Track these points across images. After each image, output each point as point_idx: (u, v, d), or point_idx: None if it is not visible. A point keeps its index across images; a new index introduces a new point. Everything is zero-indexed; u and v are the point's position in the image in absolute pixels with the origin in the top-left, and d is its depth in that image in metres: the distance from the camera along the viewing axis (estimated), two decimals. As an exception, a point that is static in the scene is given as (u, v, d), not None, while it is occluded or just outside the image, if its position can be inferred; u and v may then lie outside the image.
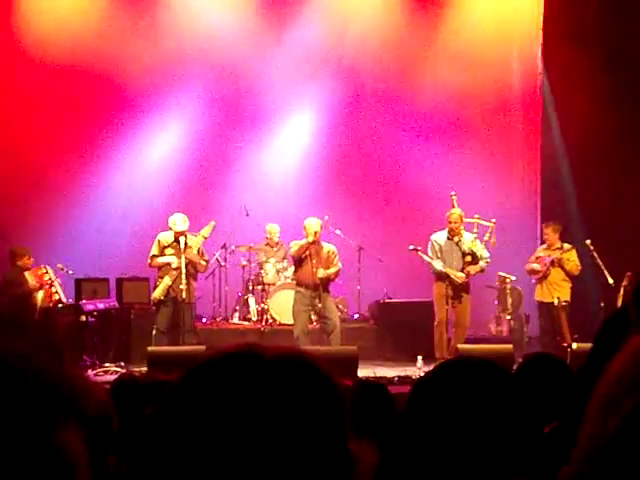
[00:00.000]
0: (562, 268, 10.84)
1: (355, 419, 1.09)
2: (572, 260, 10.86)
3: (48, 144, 12.63)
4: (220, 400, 1.00)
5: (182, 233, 9.99)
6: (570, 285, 10.89)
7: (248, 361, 1.03)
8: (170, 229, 10.06)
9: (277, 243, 12.43)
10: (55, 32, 12.66)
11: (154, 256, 10.10)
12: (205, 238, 10.16)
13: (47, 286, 10.25)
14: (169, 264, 9.98)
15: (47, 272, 10.32)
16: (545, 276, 10.91)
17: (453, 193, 10.66)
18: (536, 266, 10.99)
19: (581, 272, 10.91)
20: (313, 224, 10.12)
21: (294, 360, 1.05)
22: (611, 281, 10.52)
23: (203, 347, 9.11)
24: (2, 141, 12.67)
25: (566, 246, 10.91)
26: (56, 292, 10.35)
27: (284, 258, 12.08)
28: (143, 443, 1.04)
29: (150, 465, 1.02)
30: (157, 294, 10.07)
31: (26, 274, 10.25)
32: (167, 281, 9.97)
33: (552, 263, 10.85)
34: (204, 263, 10.30)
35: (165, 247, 10.07)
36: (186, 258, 9.94)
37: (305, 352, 1.09)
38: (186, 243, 9.99)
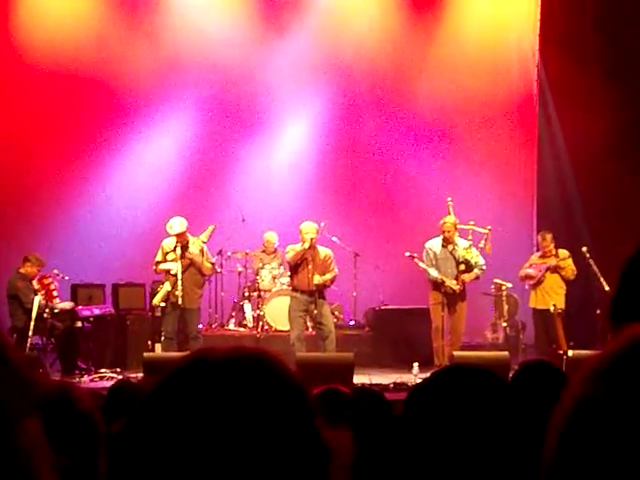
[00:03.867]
0: (559, 274, 10.86)
1: (352, 426, 1.10)
2: (568, 265, 10.89)
3: (45, 149, 12.63)
4: (182, 408, 1.01)
5: (180, 235, 9.98)
6: (564, 292, 10.91)
7: (198, 366, 1.04)
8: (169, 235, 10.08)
9: (274, 252, 12.39)
10: (53, 37, 12.69)
11: (158, 262, 10.14)
12: (204, 242, 10.16)
13: (46, 291, 10.22)
14: (169, 271, 10.00)
15: (53, 281, 10.35)
16: (539, 282, 10.91)
17: (449, 199, 10.67)
18: (531, 271, 11.00)
19: (577, 279, 10.92)
20: (309, 229, 10.05)
21: (246, 358, 1.06)
22: (607, 288, 10.52)
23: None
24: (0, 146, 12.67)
25: (561, 253, 10.92)
26: (56, 297, 10.36)
27: (280, 265, 12.06)
28: (117, 452, 1.06)
29: (122, 473, 1.04)
30: (157, 300, 10.08)
31: (34, 282, 10.25)
32: (167, 287, 10.00)
33: (548, 270, 10.86)
34: (209, 265, 10.29)
35: (167, 253, 10.08)
36: (188, 259, 9.95)
37: (256, 348, 1.10)
38: (185, 248, 9.99)
